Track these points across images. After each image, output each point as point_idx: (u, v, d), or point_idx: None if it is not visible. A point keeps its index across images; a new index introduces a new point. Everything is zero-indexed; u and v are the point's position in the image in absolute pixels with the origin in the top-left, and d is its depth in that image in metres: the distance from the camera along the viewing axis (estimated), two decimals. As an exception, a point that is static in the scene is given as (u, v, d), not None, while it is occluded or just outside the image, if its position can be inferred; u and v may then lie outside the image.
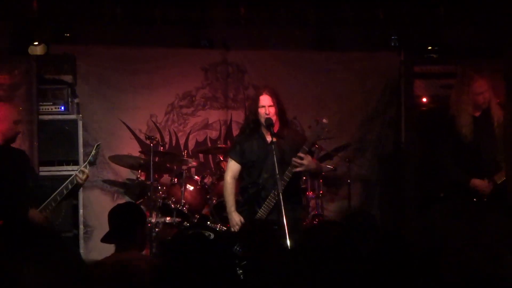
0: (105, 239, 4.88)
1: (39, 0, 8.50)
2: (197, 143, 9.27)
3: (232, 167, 6.31)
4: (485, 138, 6.58)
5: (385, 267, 3.52)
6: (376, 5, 9.11)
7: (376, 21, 9.21)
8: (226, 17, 9.13)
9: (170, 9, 8.97)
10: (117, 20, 8.81)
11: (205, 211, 8.30)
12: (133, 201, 8.32)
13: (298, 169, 5.98)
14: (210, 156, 9.16)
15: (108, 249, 4.96)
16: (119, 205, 5.09)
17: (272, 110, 6.13)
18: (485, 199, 6.52)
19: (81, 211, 8.29)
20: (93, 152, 6.36)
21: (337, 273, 3.42)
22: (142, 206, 8.22)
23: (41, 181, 6.95)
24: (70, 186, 6.18)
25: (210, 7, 9.07)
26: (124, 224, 4.81)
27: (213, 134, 9.32)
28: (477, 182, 6.53)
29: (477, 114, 6.66)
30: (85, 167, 6.23)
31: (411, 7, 9.09)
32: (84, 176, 6.19)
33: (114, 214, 4.92)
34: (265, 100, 6.16)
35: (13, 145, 6.55)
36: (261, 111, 6.14)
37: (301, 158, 5.95)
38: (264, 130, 6.18)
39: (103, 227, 5.24)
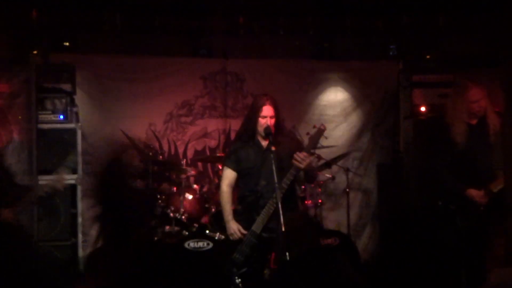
0: None
1: (39, 10, 8.53)
2: (196, 152, 9.29)
3: (228, 175, 6.29)
4: (481, 146, 6.56)
5: None
6: (375, 15, 9.13)
7: (375, 31, 9.23)
8: (225, 27, 9.17)
9: (169, 18, 9.01)
10: (116, 29, 8.86)
11: (204, 219, 8.29)
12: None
13: (299, 165, 5.91)
14: (209, 165, 9.18)
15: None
16: None
17: (273, 121, 6.12)
18: (482, 208, 6.50)
19: (79, 219, 8.26)
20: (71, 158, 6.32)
21: None
22: (141, 215, 8.25)
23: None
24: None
25: (209, 16, 9.10)
26: None
27: (212, 143, 9.33)
28: (473, 192, 6.51)
29: (474, 122, 6.65)
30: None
31: (410, 17, 9.12)
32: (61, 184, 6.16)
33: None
34: (268, 111, 6.11)
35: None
36: (262, 121, 6.10)
37: (304, 155, 5.90)
38: (259, 137, 6.17)
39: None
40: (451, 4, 8.91)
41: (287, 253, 5.44)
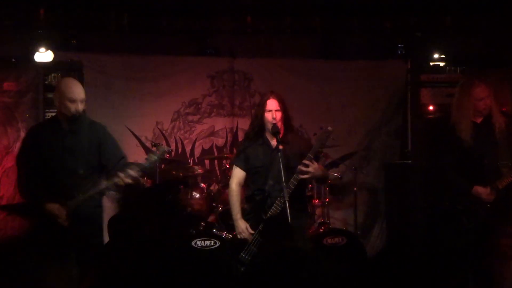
0: None
1: (46, 9, 8.54)
2: (203, 150, 9.29)
3: (237, 174, 6.28)
4: (486, 144, 6.54)
5: None
6: (383, 14, 9.12)
7: (383, 30, 9.22)
8: (232, 26, 9.18)
9: (176, 18, 9.02)
10: (124, 29, 8.85)
11: (211, 218, 8.28)
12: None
13: (304, 176, 5.94)
14: (216, 163, 9.16)
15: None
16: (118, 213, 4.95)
17: (278, 115, 6.09)
18: (488, 206, 6.49)
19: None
20: (154, 157, 6.04)
21: None
22: (147, 214, 8.24)
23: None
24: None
25: (216, 16, 9.10)
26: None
27: (219, 141, 9.33)
28: (480, 189, 6.49)
29: (479, 120, 6.64)
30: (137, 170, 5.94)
31: (418, 16, 9.10)
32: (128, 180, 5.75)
33: (113, 223, 4.82)
34: (272, 104, 6.12)
35: None
36: (268, 115, 6.10)
37: (307, 166, 5.90)
38: (268, 136, 6.15)
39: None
40: (458, 5, 8.90)
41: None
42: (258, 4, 9.00)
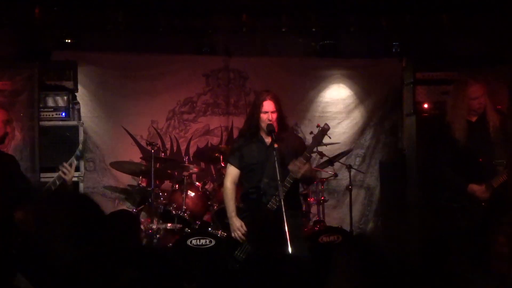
0: None
1: (42, 8, 8.52)
2: (198, 149, 9.27)
3: (232, 172, 6.27)
4: (481, 143, 6.56)
5: None
6: (379, 12, 9.11)
7: (379, 29, 9.20)
8: (228, 24, 9.15)
9: (173, 17, 8.99)
10: (119, 27, 8.83)
11: (206, 217, 8.28)
12: (130, 209, 8.33)
13: (296, 175, 5.87)
14: (211, 162, 9.15)
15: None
16: (112, 213, 4.95)
17: (274, 116, 6.08)
18: (483, 204, 6.49)
19: (82, 217, 8.24)
20: (80, 147, 6.36)
21: None
22: (143, 212, 8.23)
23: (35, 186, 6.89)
24: (57, 182, 6.11)
25: (212, 14, 9.08)
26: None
27: (214, 140, 9.32)
28: (475, 187, 6.50)
29: (474, 119, 6.65)
30: (70, 164, 6.20)
31: (414, 15, 9.09)
32: (70, 175, 6.16)
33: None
34: (269, 106, 6.09)
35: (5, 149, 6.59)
36: (264, 116, 6.08)
37: (299, 166, 5.86)
38: (263, 134, 6.14)
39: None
40: (455, 3, 8.89)
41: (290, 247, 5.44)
42: (254, 3, 8.98)
